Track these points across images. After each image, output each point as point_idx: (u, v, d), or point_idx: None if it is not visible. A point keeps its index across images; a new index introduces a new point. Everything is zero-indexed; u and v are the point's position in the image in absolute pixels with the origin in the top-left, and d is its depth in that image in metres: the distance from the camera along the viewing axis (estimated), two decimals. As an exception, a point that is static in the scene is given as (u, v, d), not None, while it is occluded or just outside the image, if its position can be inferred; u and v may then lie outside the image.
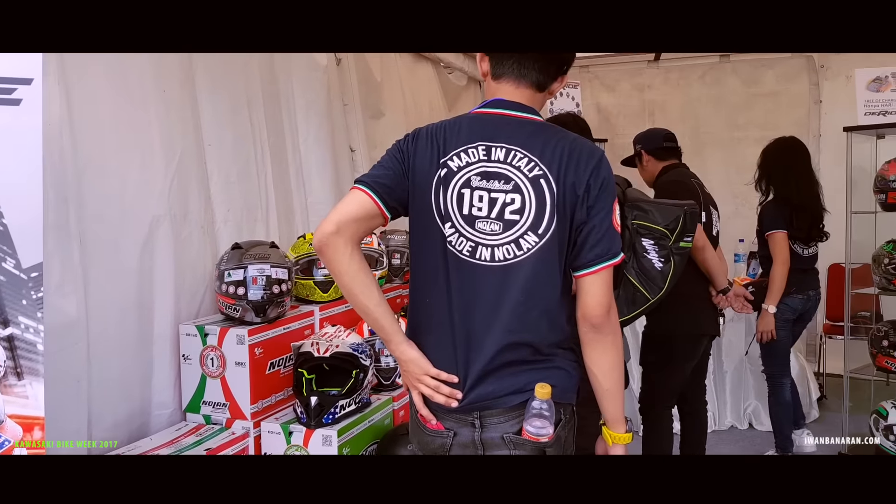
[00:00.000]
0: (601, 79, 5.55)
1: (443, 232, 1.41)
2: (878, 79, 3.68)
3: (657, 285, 2.07)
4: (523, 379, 1.40)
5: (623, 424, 1.49)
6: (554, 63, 1.46)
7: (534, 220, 1.38)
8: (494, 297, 1.39)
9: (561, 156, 1.39)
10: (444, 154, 1.42)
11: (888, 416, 3.48)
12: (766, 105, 5.16)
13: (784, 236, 3.34)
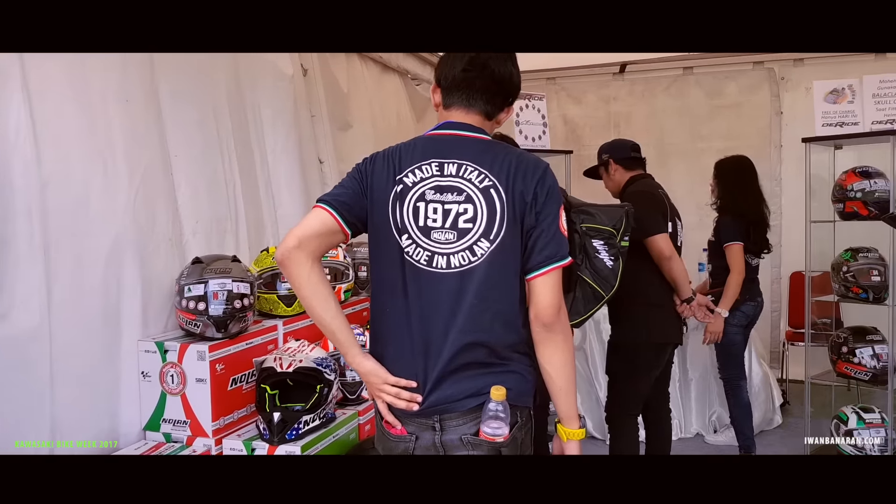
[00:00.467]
0: (568, 90, 5.61)
1: (400, 244, 1.49)
2: (836, 91, 3.76)
3: (610, 283, 2.21)
4: (480, 382, 1.46)
5: (576, 421, 1.56)
6: (500, 94, 1.57)
7: (486, 228, 1.46)
8: (451, 301, 1.46)
9: (509, 168, 1.49)
10: (399, 172, 1.51)
11: (848, 421, 3.55)
12: (728, 116, 5.27)
13: (740, 248, 3.52)
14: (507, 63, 1.56)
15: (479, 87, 1.54)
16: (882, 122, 3.62)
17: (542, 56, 5.26)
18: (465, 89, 1.54)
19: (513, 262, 1.48)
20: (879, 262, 3.55)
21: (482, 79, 1.53)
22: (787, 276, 5.16)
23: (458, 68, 1.54)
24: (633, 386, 2.87)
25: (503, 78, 1.55)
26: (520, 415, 1.51)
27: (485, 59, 1.53)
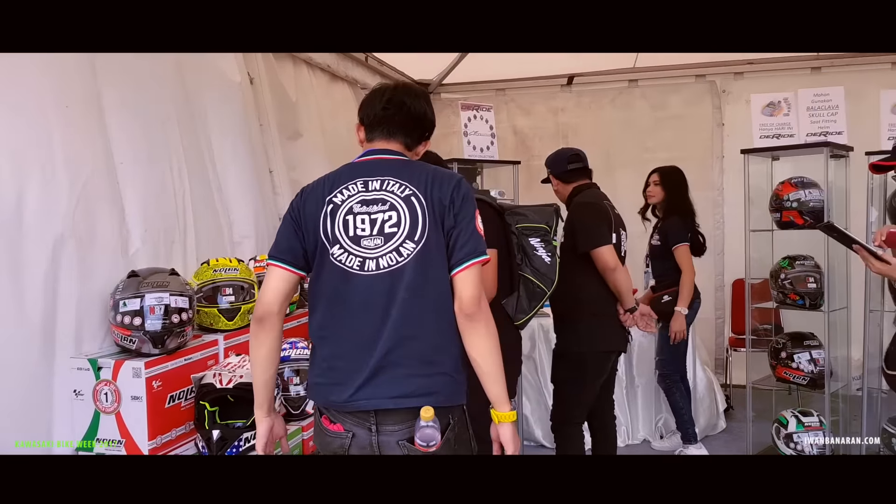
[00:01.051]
0: (517, 102, 5.66)
1: (333, 254, 1.64)
2: (772, 104, 3.89)
3: (550, 278, 2.37)
4: (413, 384, 1.59)
5: (507, 404, 1.67)
6: (417, 129, 1.77)
7: (409, 230, 1.62)
8: (384, 299, 1.60)
9: (426, 179, 1.67)
10: (329, 193, 1.68)
11: (788, 425, 3.66)
12: (672, 128, 5.39)
13: (688, 248, 3.72)
14: (420, 102, 1.78)
15: (397, 122, 1.74)
16: (816, 135, 3.76)
17: (493, 68, 5.33)
18: (385, 125, 1.74)
19: (439, 260, 1.63)
20: (815, 269, 3.67)
21: (400, 115, 1.73)
22: (729, 284, 5.30)
23: (378, 107, 1.74)
24: (578, 395, 2.89)
25: (419, 115, 1.76)
26: (452, 415, 1.64)
27: (401, 98, 1.74)
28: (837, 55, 5.16)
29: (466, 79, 5.52)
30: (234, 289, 2.65)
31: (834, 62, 5.21)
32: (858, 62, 5.15)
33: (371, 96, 1.78)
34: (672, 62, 5.36)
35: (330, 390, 1.63)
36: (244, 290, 2.68)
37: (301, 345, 2.65)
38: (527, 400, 4.07)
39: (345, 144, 4.40)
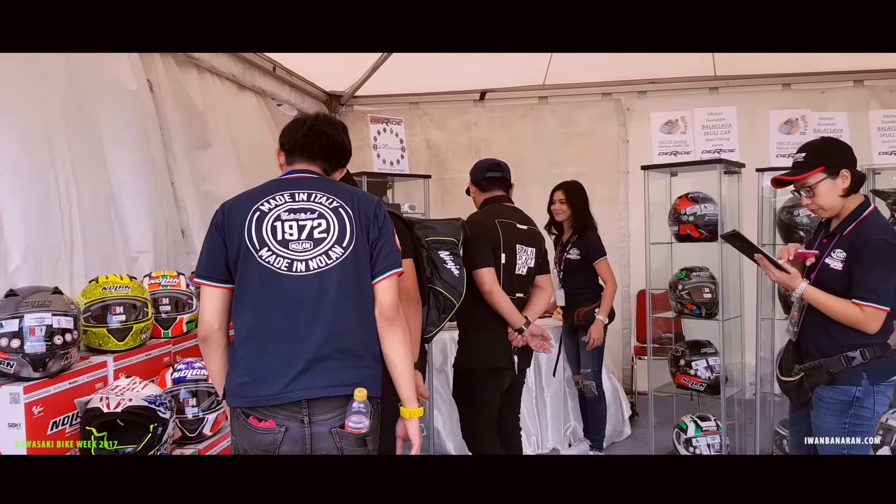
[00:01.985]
0: (430, 115, 5.70)
1: (260, 256, 1.72)
2: (670, 122, 4.08)
3: (459, 291, 2.38)
4: (343, 375, 1.70)
5: (414, 402, 1.83)
6: (335, 157, 1.93)
7: (338, 237, 1.75)
8: (314, 298, 1.71)
9: (350, 195, 1.83)
10: (255, 202, 1.78)
11: (687, 430, 3.81)
12: (580, 144, 5.56)
13: (607, 261, 3.95)
14: (339, 131, 1.93)
15: (317, 148, 1.88)
16: (710, 152, 3.96)
17: (406, 81, 5.35)
18: (306, 149, 1.88)
19: (363, 266, 1.77)
20: (710, 280, 3.86)
21: (320, 143, 1.88)
22: (635, 295, 5.49)
23: (299, 134, 1.88)
24: (477, 409, 2.87)
25: (337, 143, 1.91)
26: (372, 404, 1.75)
27: (321, 128, 1.89)
28: (733, 76, 5.48)
29: (379, 91, 5.51)
30: (125, 307, 2.52)
31: (729, 83, 5.52)
32: (752, 83, 5.48)
33: (293, 125, 1.92)
34: (580, 80, 5.54)
35: (259, 386, 1.68)
36: (136, 309, 2.56)
37: (198, 364, 2.55)
38: (439, 413, 4.07)
39: (259, 155, 4.34)
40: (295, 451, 1.67)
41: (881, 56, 5.14)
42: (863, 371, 2.25)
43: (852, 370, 2.25)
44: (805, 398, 2.38)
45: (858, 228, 2.27)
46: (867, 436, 2.30)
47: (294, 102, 4.86)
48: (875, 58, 5.19)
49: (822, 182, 2.28)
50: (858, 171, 2.31)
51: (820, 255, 2.33)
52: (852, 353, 2.25)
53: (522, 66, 5.16)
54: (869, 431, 2.31)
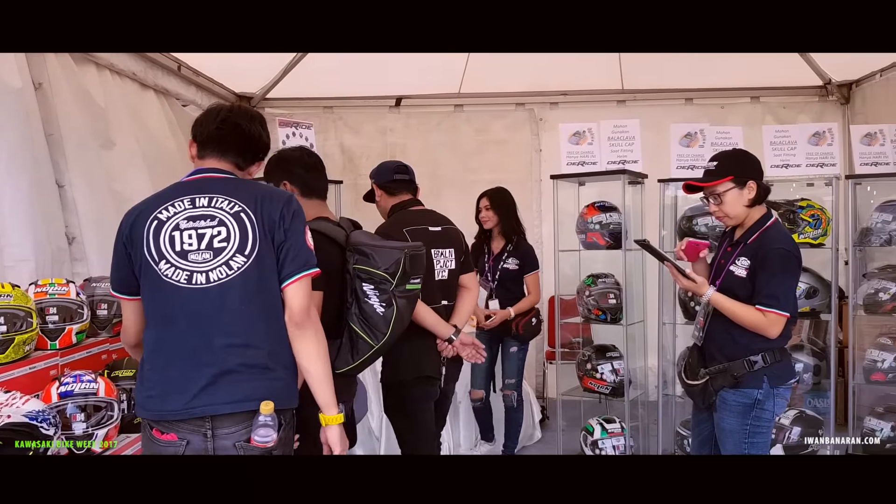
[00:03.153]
0: (345, 120, 5.65)
1: (159, 269, 1.67)
2: (578, 133, 4.19)
3: (380, 331, 2.06)
4: (249, 388, 1.65)
5: (334, 408, 1.75)
6: (250, 151, 1.83)
7: (239, 245, 1.68)
8: (216, 311, 1.65)
9: (256, 197, 1.73)
10: (153, 211, 1.71)
11: (594, 432, 3.91)
12: (495, 152, 5.65)
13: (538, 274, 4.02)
14: (255, 124, 1.82)
15: (230, 141, 1.79)
16: (615, 163, 4.10)
17: (320, 85, 5.28)
18: (218, 143, 1.78)
19: (269, 273, 1.70)
20: (615, 286, 3.99)
21: (233, 136, 1.78)
22: (547, 301, 5.59)
23: (212, 126, 1.79)
24: (410, 422, 2.76)
25: (252, 136, 1.81)
26: (283, 417, 1.70)
27: (235, 120, 1.79)
28: (639, 90, 5.70)
29: (292, 94, 5.42)
30: (6, 318, 2.36)
31: (636, 96, 5.74)
32: (657, 97, 5.72)
33: (206, 115, 1.83)
34: (495, 90, 5.63)
35: (164, 401, 1.65)
36: (19, 319, 2.40)
37: (87, 377, 2.41)
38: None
39: (166, 155, 4.19)
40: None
41: (776, 74, 5.49)
42: (764, 375, 2.36)
43: (754, 374, 2.36)
44: (709, 401, 2.47)
45: (761, 238, 2.39)
46: (766, 436, 2.43)
47: (201, 103, 4.69)
48: (770, 75, 5.53)
49: (729, 191, 2.39)
50: (764, 184, 2.43)
51: (725, 263, 2.45)
52: (754, 358, 2.36)
53: (438, 74, 5.20)
54: (768, 432, 2.44)
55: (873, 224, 4.11)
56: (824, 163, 4.09)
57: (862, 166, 4.20)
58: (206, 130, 1.79)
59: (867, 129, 4.27)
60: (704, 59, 4.96)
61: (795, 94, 5.76)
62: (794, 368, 2.52)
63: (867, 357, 4.14)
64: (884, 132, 4.20)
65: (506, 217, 3.97)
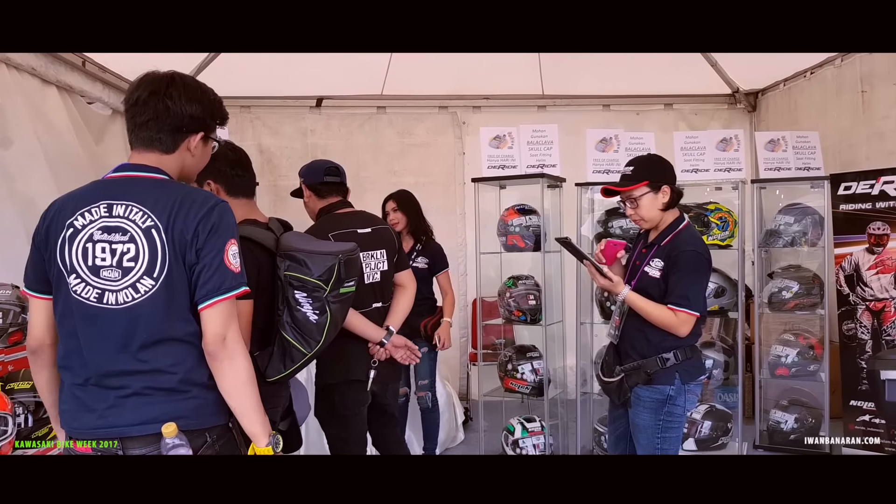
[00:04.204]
0: (263, 120, 5.52)
1: (70, 283, 1.54)
2: (498, 137, 4.23)
3: (314, 338, 1.99)
4: (159, 409, 1.52)
5: (263, 439, 1.59)
6: (166, 128, 1.60)
7: (148, 266, 1.52)
8: (122, 335, 1.52)
9: (172, 206, 1.54)
10: (70, 216, 1.55)
11: (514, 432, 3.95)
12: (418, 154, 5.65)
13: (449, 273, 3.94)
14: (163, 99, 1.58)
15: (140, 123, 1.59)
16: (534, 166, 4.16)
17: (236, 84, 5.11)
18: (132, 129, 1.61)
19: (181, 299, 1.54)
20: (535, 287, 4.04)
21: (143, 115, 1.58)
22: (471, 303, 5.64)
23: (129, 104, 1.61)
24: (339, 427, 2.70)
25: (162, 112, 1.58)
26: (209, 434, 1.57)
27: (145, 98, 1.58)
28: (559, 96, 5.82)
29: (207, 93, 5.24)
30: None
31: (556, 102, 5.86)
32: (576, 103, 5.85)
33: (129, 89, 1.63)
34: (418, 93, 5.63)
35: (74, 417, 1.57)
36: None
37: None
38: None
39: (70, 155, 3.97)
40: None
41: (688, 82, 5.72)
42: (675, 372, 2.44)
43: (666, 371, 2.44)
44: (624, 397, 2.53)
45: (674, 240, 2.47)
46: (678, 431, 2.50)
47: (108, 101, 4.48)
48: (682, 84, 5.75)
49: (645, 195, 2.47)
50: (677, 188, 2.52)
51: (640, 264, 2.52)
52: (667, 355, 2.44)
53: (360, 75, 5.15)
54: (680, 427, 2.52)
55: (777, 226, 4.34)
56: (731, 168, 4.28)
57: (766, 171, 4.42)
58: (126, 114, 1.62)
59: (771, 136, 4.51)
60: (621, 67, 5.13)
61: (706, 101, 6.01)
62: (704, 365, 2.61)
63: (772, 353, 4.36)
64: (786, 139, 4.44)
65: (414, 217, 3.94)
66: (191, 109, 1.61)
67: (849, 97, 4.69)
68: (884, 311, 4.07)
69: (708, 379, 4.34)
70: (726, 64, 5.48)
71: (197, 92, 1.64)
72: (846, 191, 4.21)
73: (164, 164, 1.61)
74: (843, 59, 4.75)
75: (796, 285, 4.26)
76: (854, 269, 4.19)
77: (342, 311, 2.05)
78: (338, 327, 2.05)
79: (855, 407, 4.16)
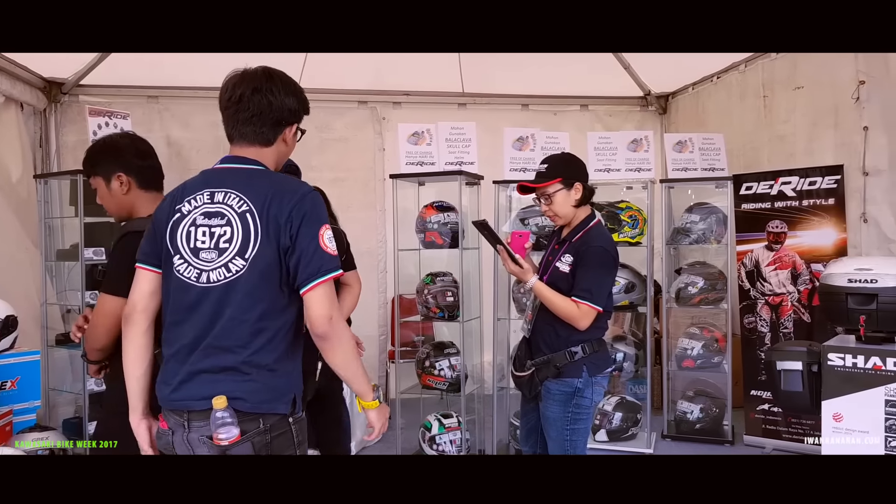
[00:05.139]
0: (172, 111, 5.28)
1: (174, 263, 1.69)
2: (417, 133, 4.22)
3: None
4: (220, 388, 1.61)
5: (369, 395, 1.77)
6: (268, 122, 1.72)
7: (241, 247, 1.64)
8: (210, 312, 1.64)
9: (267, 193, 1.66)
10: (179, 202, 1.71)
11: (431, 428, 3.95)
12: (337, 149, 5.55)
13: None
14: (266, 95, 1.69)
15: (242, 120, 1.71)
16: (453, 163, 4.17)
17: (143, 73, 4.91)
18: (234, 125, 1.72)
19: (271, 279, 1.64)
20: (453, 284, 4.05)
21: (247, 111, 1.69)
22: (389, 300, 5.60)
23: (221, 105, 1.73)
24: None
25: (263, 108, 1.69)
26: (263, 421, 1.65)
27: (249, 95, 1.68)
28: (479, 94, 5.86)
29: (111, 81, 4.97)
30: None
31: (476, 100, 5.89)
32: (495, 102, 5.91)
33: (222, 87, 1.73)
34: (336, 87, 5.53)
35: (160, 388, 1.70)
36: None
37: None
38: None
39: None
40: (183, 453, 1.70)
41: (603, 84, 5.87)
42: (583, 364, 2.50)
43: (574, 364, 2.50)
44: (535, 391, 2.58)
45: (585, 237, 2.54)
46: (587, 422, 2.57)
47: (3, 89, 4.20)
48: (598, 86, 5.90)
49: (558, 192, 2.53)
50: (590, 186, 2.59)
51: (552, 260, 2.58)
52: (575, 349, 2.50)
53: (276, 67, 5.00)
54: (588, 418, 2.58)
55: (684, 224, 4.51)
56: (641, 168, 4.43)
57: (674, 171, 4.59)
58: (221, 108, 1.73)
59: (678, 138, 4.69)
60: (540, 68, 5.21)
61: (620, 103, 6.19)
62: (610, 358, 2.69)
63: (679, 346, 4.54)
64: (693, 140, 4.63)
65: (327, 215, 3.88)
66: (289, 103, 1.74)
67: (752, 101, 4.93)
68: (781, 305, 4.30)
69: (619, 372, 4.48)
70: (639, 67, 5.66)
71: (292, 86, 1.76)
72: (747, 191, 4.43)
73: (262, 157, 1.73)
74: (747, 65, 5.00)
75: (702, 281, 4.45)
76: (754, 265, 4.41)
77: None
78: None
79: (755, 396, 4.39)
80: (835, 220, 4.05)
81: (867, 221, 3.88)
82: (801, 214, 4.19)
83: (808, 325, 4.17)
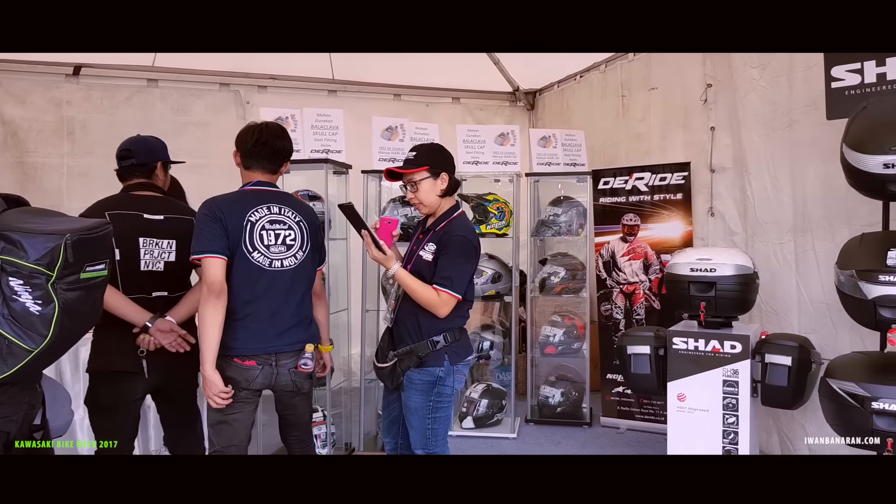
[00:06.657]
0: (7, 87, 4.76)
1: (253, 256, 2.38)
2: (280, 119, 4.06)
3: (39, 333, 1.70)
4: (302, 336, 2.46)
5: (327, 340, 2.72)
6: (279, 160, 2.51)
7: (301, 244, 2.47)
8: (287, 286, 2.43)
9: (304, 211, 2.53)
10: (245, 213, 2.39)
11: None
12: (196, 134, 5.24)
13: None
14: (281, 139, 2.49)
15: (265, 155, 2.47)
16: (319, 151, 4.06)
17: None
18: (256, 157, 2.48)
19: (312, 264, 2.53)
20: (319, 276, 3.94)
21: (266, 151, 2.46)
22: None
23: (249, 143, 2.45)
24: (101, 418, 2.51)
25: (279, 150, 2.49)
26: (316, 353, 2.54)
27: (266, 139, 2.45)
28: (350, 82, 5.75)
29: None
30: None
31: (347, 88, 5.78)
32: (367, 90, 5.83)
33: (246, 131, 2.48)
34: (194, 67, 5.23)
35: (247, 341, 2.36)
36: None
37: None
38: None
39: None
40: (264, 383, 2.39)
41: (475, 78, 5.95)
42: (445, 353, 2.50)
43: (436, 353, 2.50)
44: (397, 381, 2.55)
45: (448, 226, 2.55)
46: (448, 410, 2.57)
47: None
48: (470, 80, 5.98)
49: (425, 180, 2.53)
50: (455, 178, 2.60)
51: (416, 249, 2.58)
52: (437, 338, 2.49)
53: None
54: (450, 406, 2.58)
55: (547, 217, 4.67)
56: (508, 161, 4.53)
57: (538, 165, 4.73)
58: (247, 145, 2.45)
59: (543, 133, 4.84)
60: (412, 59, 5.18)
61: (491, 98, 6.31)
62: (471, 346, 2.71)
63: (542, 333, 4.70)
64: (556, 136, 4.79)
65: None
66: (289, 146, 2.54)
67: (611, 101, 5.19)
68: (634, 293, 4.56)
69: (487, 360, 4.56)
70: (508, 63, 5.80)
71: (287, 133, 2.54)
72: (605, 185, 4.65)
73: (274, 181, 2.54)
74: (607, 65, 5.24)
75: (563, 271, 4.62)
76: (611, 256, 4.64)
77: (88, 299, 1.78)
78: (84, 317, 1.80)
79: (611, 380, 4.63)
80: (683, 213, 4.34)
81: (714, 215, 4.18)
82: (653, 208, 4.45)
83: (658, 311, 4.44)
